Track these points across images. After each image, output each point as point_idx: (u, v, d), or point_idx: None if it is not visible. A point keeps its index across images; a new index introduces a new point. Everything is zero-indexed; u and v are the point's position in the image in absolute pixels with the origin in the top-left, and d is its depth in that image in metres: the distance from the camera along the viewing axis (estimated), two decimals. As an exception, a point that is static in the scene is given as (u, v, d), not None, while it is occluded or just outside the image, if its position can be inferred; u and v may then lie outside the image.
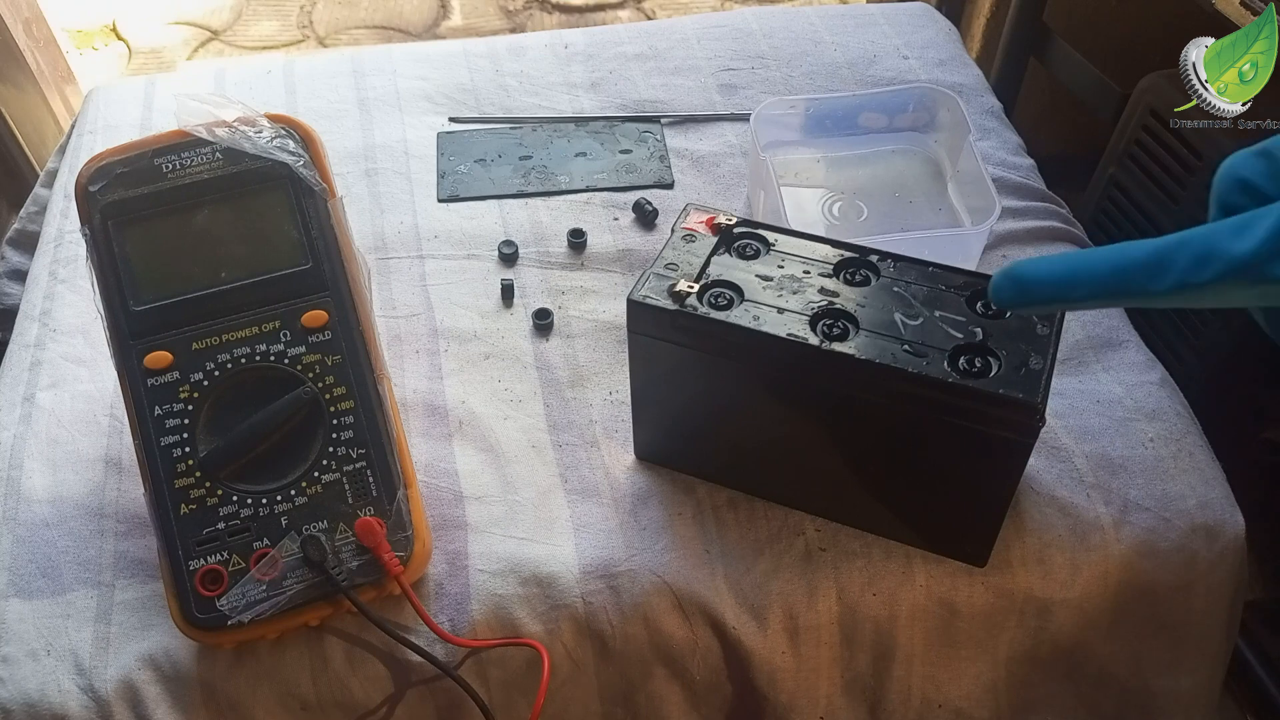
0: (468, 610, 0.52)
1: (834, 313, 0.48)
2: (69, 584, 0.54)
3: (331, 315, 0.52)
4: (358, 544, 0.49)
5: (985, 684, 0.56)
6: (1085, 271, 0.38)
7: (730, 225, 0.52)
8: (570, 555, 0.54)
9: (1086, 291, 0.38)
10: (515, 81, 0.84)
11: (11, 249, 0.82)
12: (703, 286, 0.49)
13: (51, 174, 0.82)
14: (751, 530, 0.55)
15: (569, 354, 0.64)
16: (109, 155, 0.53)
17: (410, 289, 0.68)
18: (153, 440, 0.50)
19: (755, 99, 0.81)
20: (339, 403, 0.51)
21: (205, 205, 0.53)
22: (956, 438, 0.47)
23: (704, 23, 0.90)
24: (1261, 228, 0.34)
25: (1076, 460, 0.56)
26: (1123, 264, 0.37)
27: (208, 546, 0.49)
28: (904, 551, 0.54)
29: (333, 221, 0.53)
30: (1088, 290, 0.38)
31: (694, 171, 0.76)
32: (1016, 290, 0.39)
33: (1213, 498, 0.55)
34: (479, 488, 0.57)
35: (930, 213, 0.69)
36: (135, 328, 0.51)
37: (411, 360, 0.64)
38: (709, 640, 0.53)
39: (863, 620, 0.53)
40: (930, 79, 0.82)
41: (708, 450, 0.56)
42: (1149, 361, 0.62)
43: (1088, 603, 0.54)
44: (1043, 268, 0.39)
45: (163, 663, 0.51)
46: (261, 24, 1.74)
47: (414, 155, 0.78)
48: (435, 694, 0.52)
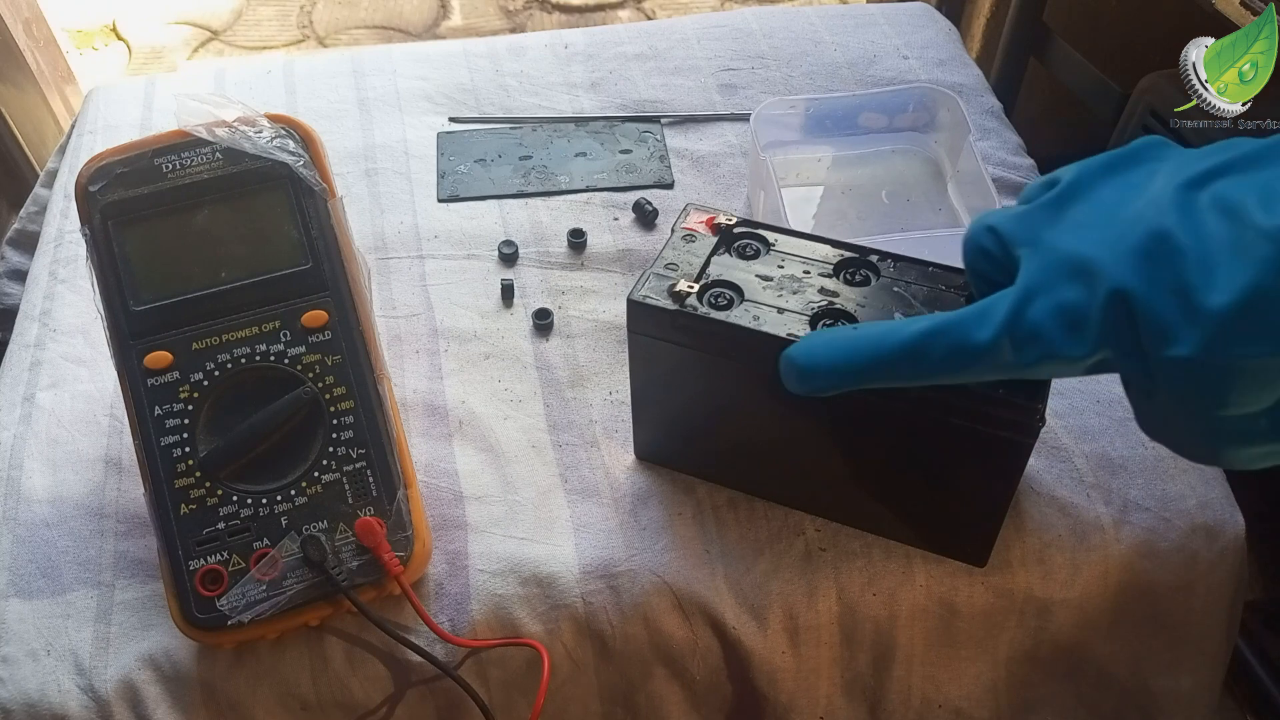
0: (468, 610, 0.52)
1: (834, 313, 0.48)
2: (69, 584, 0.54)
3: (331, 315, 0.52)
4: (358, 544, 0.49)
5: (985, 684, 0.56)
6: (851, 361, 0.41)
7: (730, 225, 0.52)
8: (570, 555, 0.54)
9: (846, 379, 0.41)
10: (515, 81, 0.84)
11: (11, 249, 0.82)
12: (703, 286, 0.49)
13: (51, 174, 0.82)
14: (751, 530, 0.55)
15: (569, 354, 0.64)
16: (109, 155, 0.53)
17: (410, 289, 0.68)
18: (153, 440, 0.50)
19: (755, 99, 0.81)
20: (339, 403, 0.51)
21: (205, 205, 0.53)
22: (956, 438, 0.47)
23: (704, 23, 0.90)
24: (996, 320, 0.36)
25: (1076, 460, 0.56)
26: (885, 355, 0.40)
27: (208, 546, 0.49)
28: (904, 551, 0.54)
29: (333, 221, 0.53)
30: (846, 379, 0.41)
31: (694, 171, 0.76)
32: (800, 378, 0.42)
33: (1213, 498, 0.55)
34: (479, 488, 0.57)
35: (930, 213, 0.69)
36: (135, 328, 0.51)
37: (411, 360, 0.64)
38: (709, 640, 0.53)
39: (863, 620, 0.53)
40: (930, 79, 0.82)
41: (708, 450, 0.56)
42: (1149, 361, 0.61)
43: (1088, 603, 0.54)
44: (818, 354, 0.41)
45: (163, 663, 0.51)
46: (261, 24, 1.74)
47: (414, 155, 0.78)
48: (435, 694, 0.53)
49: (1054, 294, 0.35)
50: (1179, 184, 0.34)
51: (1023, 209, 0.39)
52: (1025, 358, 0.35)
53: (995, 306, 0.37)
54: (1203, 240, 0.32)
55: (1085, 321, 0.34)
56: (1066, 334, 0.34)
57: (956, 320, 0.37)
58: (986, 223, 0.39)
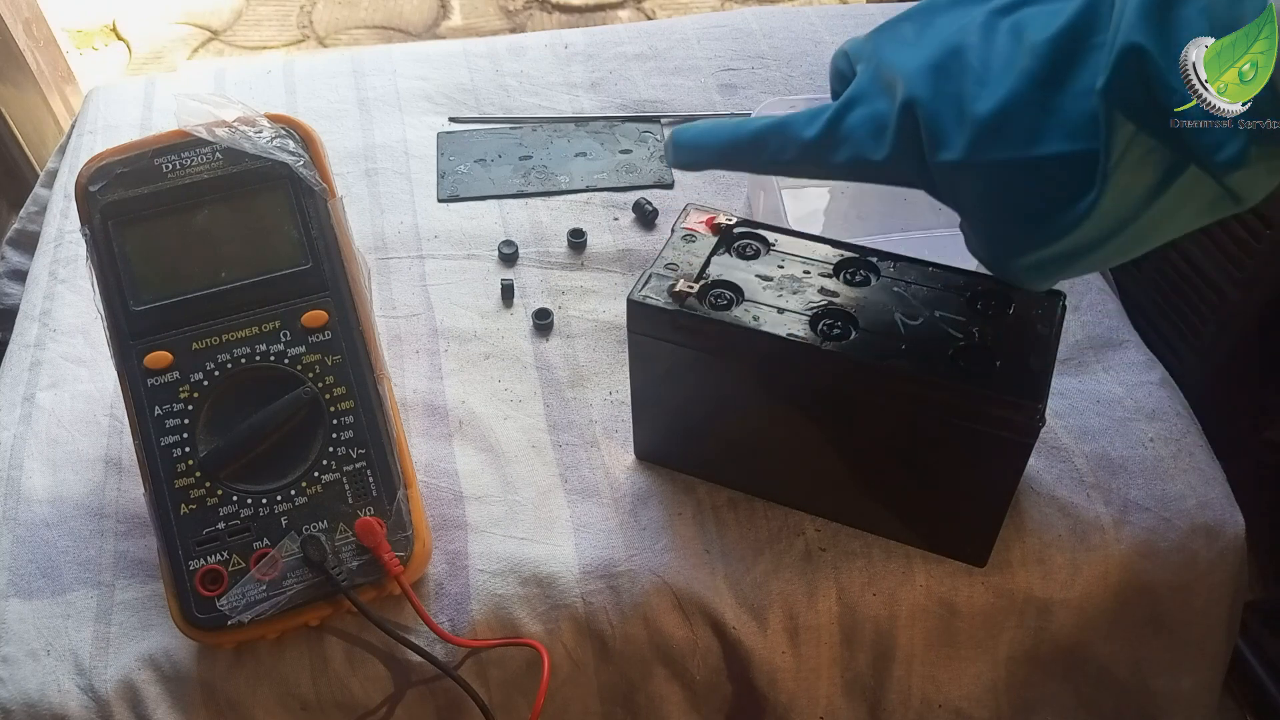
0: (468, 610, 0.52)
1: (834, 313, 0.48)
2: (69, 584, 0.54)
3: (331, 315, 0.52)
4: (358, 544, 0.49)
5: (985, 684, 0.56)
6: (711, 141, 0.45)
7: (730, 225, 0.52)
8: (570, 555, 0.54)
9: (711, 157, 0.46)
10: (515, 81, 0.84)
11: (11, 249, 0.82)
12: (703, 287, 0.49)
13: (51, 174, 0.82)
14: (751, 530, 0.55)
15: (569, 354, 0.64)
16: (109, 155, 0.53)
17: (410, 289, 0.68)
18: (153, 440, 0.50)
19: (755, 99, 0.81)
20: (339, 403, 0.51)
21: (205, 205, 0.53)
22: (956, 438, 0.47)
23: (704, 23, 0.90)
24: (822, 119, 0.41)
25: (1076, 460, 0.56)
26: (736, 139, 0.44)
27: (208, 546, 0.49)
28: (904, 551, 0.54)
29: (333, 221, 0.53)
30: (711, 156, 0.46)
31: (694, 171, 0.76)
32: (673, 151, 0.47)
33: (1213, 498, 0.55)
34: (479, 488, 0.57)
35: (930, 213, 0.69)
36: (135, 328, 0.51)
37: (411, 360, 0.64)
38: (709, 640, 0.53)
39: (863, 620, 0.53)
40: (930, 79, 0.82)
41: (708, 450, 0.56)
42: (1149, 361, 0.62)
43: (1088, 603, 0.54)
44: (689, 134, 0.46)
45: (163, 663, 0.51)
46: (261, 24, 1.74)
47: (414, 155, 0.78)
48: (435, 694, 0.53)
49: (869, 103, 0.40)
50: (992, 9, 0.37)
51: (872, 31, 0.43)
52: (838, 156, 0.40)
53: (824, 110, 0.41)
54: (987, 57, 0.36)
55: (886, 129, 0.38)
56: (872, 139, 0.39)
57: (792, 119, 0.42)
58: (843, 48, 0.44)
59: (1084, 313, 0.64)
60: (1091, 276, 0.66)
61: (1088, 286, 0.66)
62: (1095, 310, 0.64)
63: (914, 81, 0.37)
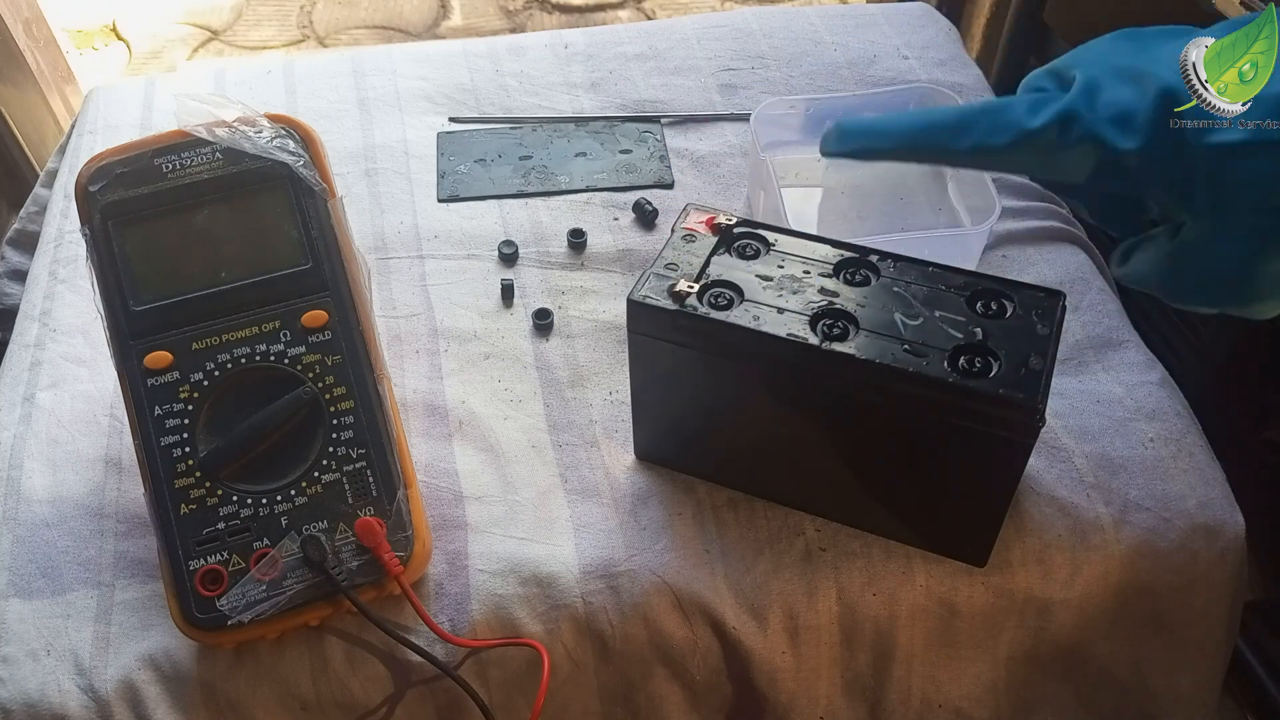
0: (468, 610, 0.52)
1: (834, 313, 0.48)
2: (69, 584, 0.54)
3: (331, 315, 0.52)
4: (358, 544, 0.49)
5: (985, 684, 0.56)
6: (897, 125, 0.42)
7: (730, 225, 0.52)
8: (570, 555, 0.54)
9: (894, 142, 0.42)
10: (515, 81, 0.84)
11: (11, 249, 0.82)
12: (703, 286, 0.49)
13: (51, 174, 0.82)
14: (751, 530, 0.55)
15: (569, 354, 0.64)
16: (109, 155, 0.53)
17: (410, 289, 0.68)
18: (153, 440, 0.50)
19: (755, 99, 0.81)
20: (339, 403, 0.51)
21: (205, 205, 0.53)
22: (956, 438, 0.47)
23: (704, 23, 0.90)
24: (1051, 109, 0.38)
25: (1076, 460, 0.56)
26: (931, 122, 0.41)
27: (208, 546, 0.49)
28: (904, 551, 0.54)
29: (333, 221, 0.53)
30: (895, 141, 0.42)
31: (694, 171, 0.76)
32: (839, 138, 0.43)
33: (1213, 498, 0.55)
34: (479, 488, 0.57)
35: (930, 213, 0.69)
36: (135, 328, 0.51)
37: (411, 360, 0.64)
38: (709, 640, 0.53)
39: (863, 620, 0.53)
40: (930, 79, 0.82)
41: (708, 450, 0.56)
42: (1149, 361, 0.62)
43: (1088, 603, 0.54)
44: (864, 119, 0.43)
45: (163, 663, 0.51)
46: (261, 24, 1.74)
47: (414, 155, 0.78)
48: (435, 694, 0.53)
49: (1110, 93, 0.37)
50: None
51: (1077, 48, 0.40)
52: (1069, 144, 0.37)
53: (1048, 100, 0.39)
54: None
55: (1135, 116, 0.36)
56: (1117, 127, 0.37)
57: (1008, 103, 0.40)
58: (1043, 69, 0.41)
59: (1084, 313, 0.64)
60: (1091, 276, 0.66)
61: (1087, 286, 0.66)
62: (1095, 310, 0.64)
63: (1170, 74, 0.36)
